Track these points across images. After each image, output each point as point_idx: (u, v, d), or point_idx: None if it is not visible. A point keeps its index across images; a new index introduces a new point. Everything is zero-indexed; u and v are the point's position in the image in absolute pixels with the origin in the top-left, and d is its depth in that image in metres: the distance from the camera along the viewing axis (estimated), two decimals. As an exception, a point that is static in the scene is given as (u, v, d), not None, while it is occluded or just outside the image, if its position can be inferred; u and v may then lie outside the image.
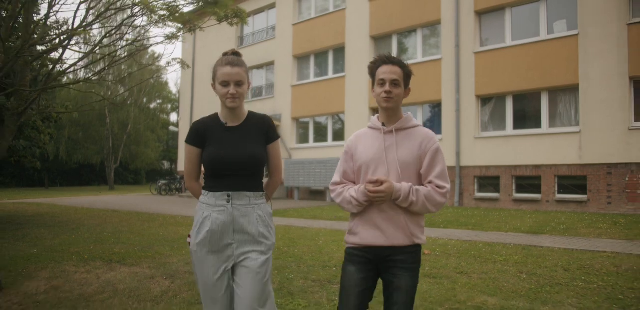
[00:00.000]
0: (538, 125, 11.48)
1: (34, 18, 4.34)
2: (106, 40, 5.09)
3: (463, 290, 3.94)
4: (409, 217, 2.02)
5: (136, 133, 32.71)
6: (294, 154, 16.85)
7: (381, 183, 1.94)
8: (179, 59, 5.19)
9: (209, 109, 17.79)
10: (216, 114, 2.28)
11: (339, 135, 15.86)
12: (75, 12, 4.40)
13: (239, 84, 2.13)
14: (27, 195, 20.79)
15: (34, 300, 3.75)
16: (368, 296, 2.04)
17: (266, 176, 2.42)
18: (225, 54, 2.21)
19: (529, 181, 11.45)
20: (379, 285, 2.09)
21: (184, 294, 3.91)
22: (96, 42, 5.13)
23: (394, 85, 2.02)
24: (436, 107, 13.58)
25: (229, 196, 2.14)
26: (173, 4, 4.89)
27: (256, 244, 2.16)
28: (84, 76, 21.52)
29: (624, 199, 9.91)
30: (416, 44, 14.12)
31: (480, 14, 12.65)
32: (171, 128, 41.37)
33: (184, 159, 2.29)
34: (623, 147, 10.00)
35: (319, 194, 15.54)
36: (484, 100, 12.52)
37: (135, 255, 5.63)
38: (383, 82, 2.02)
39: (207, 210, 2.15)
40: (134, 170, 37.25)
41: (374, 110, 14.39)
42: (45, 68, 5.61)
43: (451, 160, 12.41)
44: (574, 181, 10.78)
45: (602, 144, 10.25)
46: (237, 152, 2.15)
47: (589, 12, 10.62)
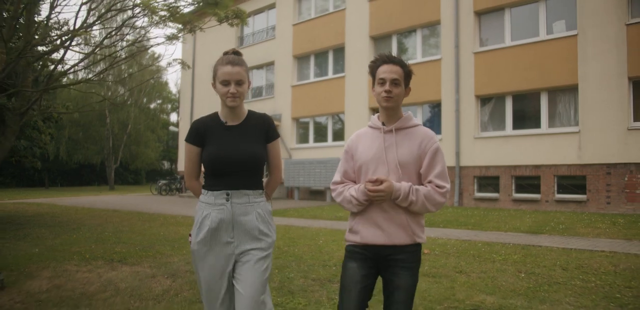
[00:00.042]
0: (537, 125, 11.50)
1: (35, 19, 4.37)
2: (107, 41, 5.11)
3: (462, 289, 3.96)
4: (410, 216, 2.01)
5: (136, 133, 32.75)
6: (294, 154, 16.88)
7: (381, 182, 1.94)
8: (179, 59, 5.21)
9: (209, 109, 17.79)
10: (216, 113, 2.28)
11: (338, 135, 15.89)
12: (77, 13, 4.42)
13: (239, 83, 2.14)
14: (27, 195, 20.80)
15: (36, 298, 3.78)
16: (368, 293, 2.03)
17: (266, 175, 2.44)
18: (225, 53, 2.21)
19: (528, 181, 11.48)
20: (377, 284, 2.09)
21: (185, 292, 3.94)
22: (97, 42, 5.16)
23: (394, 85, 2.01)
24: (436, 107, 13.61)
25: (227, 195, 2.14)
26: (174, 5, 4.92)
27: (256, 242, 2.15)
28: (84, 76, 21.53)
29: (623, 199, 9.94)
30: (416, 44, 14.15)
31: (479, 14, 12.69)
32: (171, 128, 41.39)
33: (184, 159, 2.31)
34: (622, 147, 10.03)
35: (319, 194, 15.56)
36: (483, 100, 12.55)
37: (136, 254, 5.66)
38: (383, 82, 2.02)
39: (207, 209, 2.15)
40: (134, 170, 37.27)
41: (373, 110, 14.41)
42: (46, 68, 5.64)
43: (451, 160, 12.43)
44: (573, 181, 10.81)
45: (601, 144, 10.28)
46: (236, 151, 2.15)
47: (588, 12, 10.66)
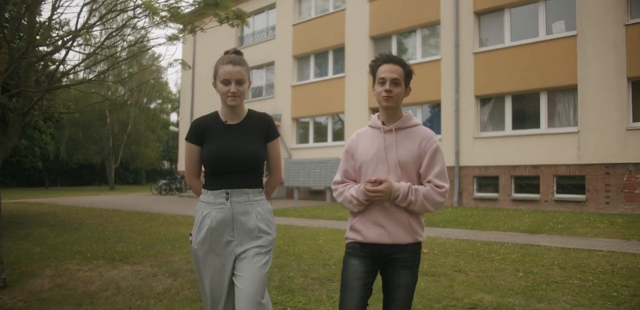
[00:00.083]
0: (537, 125, 11.54)
1: (37, 19, 4.40)
2: (108, 42, 5.14)
3: (460, 287, 4.00)
4: (410, 215, 2.02)
5: (136, 133, 32.81)
6: (294, 154, 16.91)
7: (380, 183, 1.95)
8: (180, 59, 5.23)
9: (209, 108, 17.74)
10: (216, 112, 2.30)
11: (338, 135, 15.92)
12: (79, 13, 4.46)
13: (239, 82, 2.15)
14: (28, 195, 20.84)
15: (38, 297, 3.81)
16: (369, 291, 2.04)
17: (266, 175, 2.47)
18: (227, 53, 2.22)
19: (527, 181, 11.51)
20: (377, 282, 2.11)
21: (186, 291, 3.98)
22: (99, 43, 5.19)
23: (394, 84, 2.01)
24: (435, 107, 13.64)
25: (227, 194, 2.15)
26: (174, 6, 4.94)
27: (256, 240, 2.16)
28: (84, 76, 21.55)
29: (622, 199, 9.97)
30: (415, 44, 14.18)
31: (479, 14, 12.72)
32: (171, 128, 41.45)
33: (184, 158, 2.33)
34: (621, 147, 10.07)
35: (318, 194, 15.59)
36: (483, 101, 12.58)
37: (137, 253, 5.69)
38: (383, 81, 2.02)
39: (207, 209, 2.16)
40: (134, 170, 37.33)
41: (373, 110, 14.43)
42: (47, 69, 5.67)
43: (450, 160, 12.47)
44: (572, 181, 10.84)
45: (601, 144, 10.32)
46: (236, 150, 2.16)
47: (588, 13, 10.69)
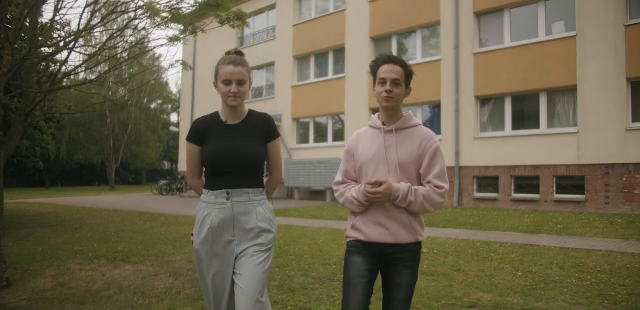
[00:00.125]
0: (536, 125, 11.57)
1: (38, 20, 4.43)
2: (109, 43, 5.17)
3: (459, 286, 4.03)
4: (411, 215, 2.04)
5: (136, 133, 32.84)
6: (294, 154, 16.94)
7: (380, 184, 1.96)
8: (181, 60, 5.26)
9: (209, 109, 17.77)
10: (216, 112, 2.31)
11: (338, 136, 15.95)
12: (81, 14, 4.49)
13: (240, 82, 2.16)
14: (28, 195, 20.87)
15: (41, 296, 3.84)
16: (371, 289, 2.04)
17: (266, 175, 2.49)
18: (228, 53, 2.23)
19: (527, 181, 11.54)
20: (376, 282, 2.12)
21: (187, 290, 4.01)
22: (100, 44, 5.22)
23: (394, 85, 2.02)
24: (435, 107, 13.67)
25: (228, 193, 2.16)
26: (175, 6, 4.97)
27: (256, 238, 2.17)
28: (85, 77, 21.58)
29: (621, 199, 10.00)
30: (415, 44, 14.21)
31: (479, 14, 12.75)
32: (171, 128, 41.50)
33: (184, 158, 2.36)
34: (620, 148, 10.09)
35: (319, 194, 15.62)
36: (482, 101, 12.61)
37: (139, 253, 5.72)
38: (384, 81, 2.02)
39: (207, 209, 2.18)
40: (134, 170, 37.36)
41: (373, 110, 14.46)
42: (49, 69, 5.71)
43: (450, 160, 12.50)
44: (572, 181, 10.87)
45: (600, 144, 10.35)
46: (236, 149, 2.18)
47: (587, 13, 10.72)
